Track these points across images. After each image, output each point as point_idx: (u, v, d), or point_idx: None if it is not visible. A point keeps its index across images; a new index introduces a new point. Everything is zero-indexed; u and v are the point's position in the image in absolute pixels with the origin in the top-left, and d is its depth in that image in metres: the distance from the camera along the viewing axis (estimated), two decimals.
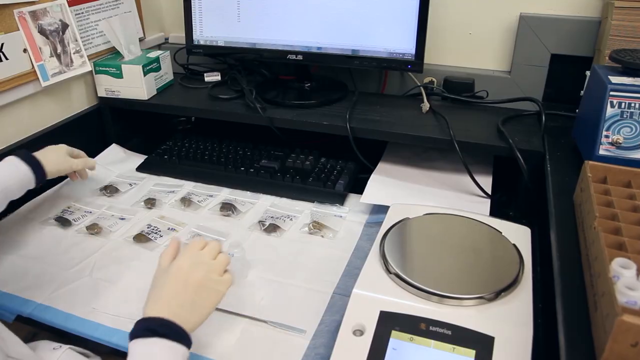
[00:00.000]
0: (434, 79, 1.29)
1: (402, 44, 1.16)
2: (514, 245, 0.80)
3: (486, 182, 1.08)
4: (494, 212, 1.01)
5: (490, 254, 0.80)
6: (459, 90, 1.25)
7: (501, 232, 0.83)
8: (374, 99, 1.29)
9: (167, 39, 1.61)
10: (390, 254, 0.79)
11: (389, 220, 0.89)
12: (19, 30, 1.11)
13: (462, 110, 1.21)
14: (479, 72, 1.27)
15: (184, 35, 1.37)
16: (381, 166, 1.18)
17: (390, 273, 0.76)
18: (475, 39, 1.27)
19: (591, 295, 0.59)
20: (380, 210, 1.06)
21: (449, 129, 1.07)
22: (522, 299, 0.70)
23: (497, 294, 0.70)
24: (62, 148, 1.09)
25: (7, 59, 1.09)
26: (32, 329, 0.85)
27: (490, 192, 1.05)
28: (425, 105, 1.20)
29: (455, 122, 1.10)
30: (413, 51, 1.16)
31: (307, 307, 0.85)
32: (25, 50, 1.13)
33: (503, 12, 1.22)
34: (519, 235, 0.83)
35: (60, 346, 0.78)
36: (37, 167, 0.99)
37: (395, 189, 1.10)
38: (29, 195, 1.16)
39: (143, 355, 0.62)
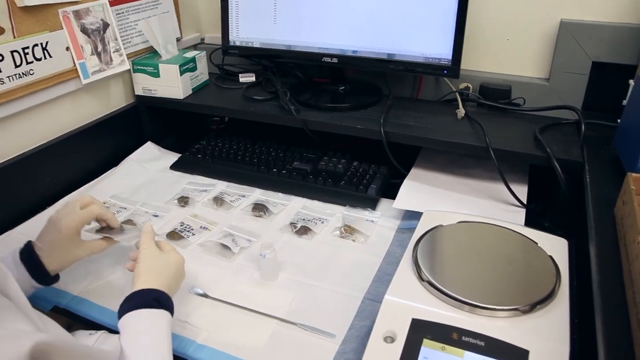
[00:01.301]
0: (469, 85, 1.28)
1: (439, 49, 1.15)
2: (550, 256, 0.78)
3: (521, 191, 1.06)
4: (528, 222, 0.99)
5: (525, 265, 0.79)
6: (495, 96, 1.23)
7: (537, 243, 0.81)
8: (409, 103, 1.28)
9: (203, 39, 1.63)
10: (423, 261, 0.78)
11: (422, 226, 0.88)
12: (62, 29, 1.14)
13: (498, 117, 1.19)
14: (516, 79, 1.25)
15: (219, 35, 1.38)
16: (414, 172, 1.17)
17: (423, 280, 0.75)
18: (513, 44, 1.25)
19: (634, 313, 0.58)
20: (412, 216, 1.05)
21: (484, 136, 1.06)
22: (559, 313, 0.69)
23: (533, 307, 0.69)
24: (71, 231, 0.84)
25: (50, 56, 1.12)
26: (68, 320, 0.86)
27: (525, 202, 1.04)
28: (461, 112, 1.18)
29: (491, 129, 1.09)
30: (450, 56, 1.15)
31: (337, 311, 0.85)
32: (67, 49, 1.16)
33: (543, 18, 1.20)
34: (555, 246, 0.81)
35: (96, 332, 0.80)
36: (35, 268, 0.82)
37: (428, 195, 1.09)
38: (68, 188, 1.19)
39: (154, 323, 0.71)
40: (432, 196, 1.09)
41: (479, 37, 1.26)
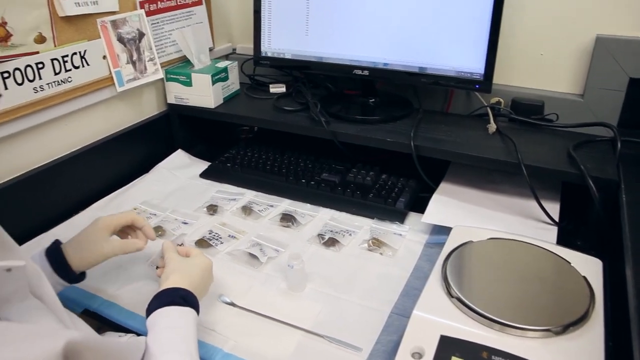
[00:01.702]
0: (501, 100, 1.26)
1: (471, 63, 1.15)
2: (584, 277, 0.77)
3: (553, 209, 1.04)
4: (560, 241, 0.97)
5: (557, 285, 0.77)
6: (527, 112, 1.22)
7: (570, 263, 0.80)
8: (439, 117, 1.27)
9: (234, 49, 1.65)
10: (453, 277, 0.77)
11: (451, 242, 0.87)
12: (100, 38, 1.17)
13: (531, 133, 1.17)
14: (549, 94, 1.24)
15: (251, 46, 1.40)
16: (443, 186, 1.16)
17: (452, 297, 0.74)
18: (546, 59, 1.24)
19: None
20: (440, 231, 1.04)
21: (516, 151, 1.05)
22: (593, 335, 0.67)
23: (565, 328, 0.68)
24: (102, 231, 0.87)
25: (88, 64, 1.14)
26: (97, 323, 0.88)
27: (557, 220, 1.02)
28: (492, 127, 1.17)
29: (523, 145, 1.08)
30: (482, 71, 1.14)
31: (363, 324, 0.84)
32: (104, 57, 1.19)
33: (578, 34, 1.18)
34: (589, 267, 0.79)
35: (125, 334, 0.81)
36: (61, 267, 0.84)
37: (457, 210, 1.08)
38: (100, 193, 1.21)
39: (180, 320, 0.72)
40: (461, 211, 1.08)
41: (512, 52, 1.25)
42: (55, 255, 0.82)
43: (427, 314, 0.73)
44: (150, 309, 0.73)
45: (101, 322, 0.88)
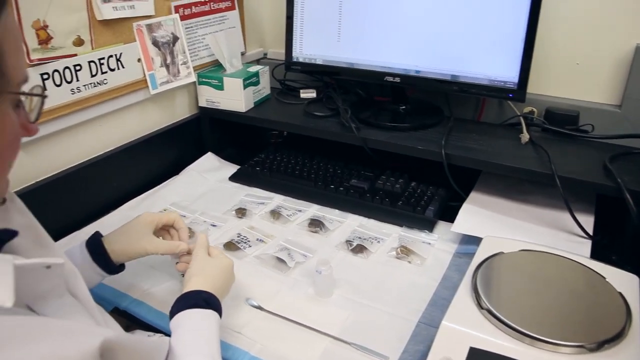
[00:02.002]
0: (534, 109, 1.25)
1: (505, 72, 1.13)
2: (620, 293, 0.75)
3: (587, 221, 1.02)
4: (594, 255, 0.95)
5: (591, 300, 0.76)
6: (561, 122, 1.20)
7: (605, 278, 0.78)
8: (470, 126, 1.26)
9: (266, 54, 1.66)
10: (483, 288, 0.76)
11: (481, 252, 0.86)
12: (135, 41, 1.19)
13: (565, 143, 1.15)
14: (584, 104, 1.21)
15: (282, 51, 1.41)
16: (474, 195, 1.15)
17: (482, 308, 0.73)
18: (582, 69, 1.21)
19: None
20: (470, 240, 1.03)
21: (550, 162, 1.03)
22: (630, 354, 0.65)
23: (600, 345, 0.66)
24: (146, 226, 0.89)
25: (123, 67, 1.17)
26: (126, 321, 0.89)
27: (591, 233, 1.00)
28: (525, 136, 1.16)
29: (557, 155, 1.06)
30: (516, 80, 1.12)
31: (390, 333, 0.84)
32: (139, 60, 1.21)
33: (617, 43, 1.16)
34: (625, 282, 0.77)
35: (154, 334, 0.82)
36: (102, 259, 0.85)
37: (487, 220, 1.07)
38: (131, 193, 1.23)
39: (203, 322, 0.73)
40: (492, 221, 1.07)
41: (547, 60, 1.23)
42: (96, 246, 0.84)
43: (457, 325, 0.72)
44: (173, 312, 0.74)
45: (130, 321, 0.90)
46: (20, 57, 0.51)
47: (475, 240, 0.98)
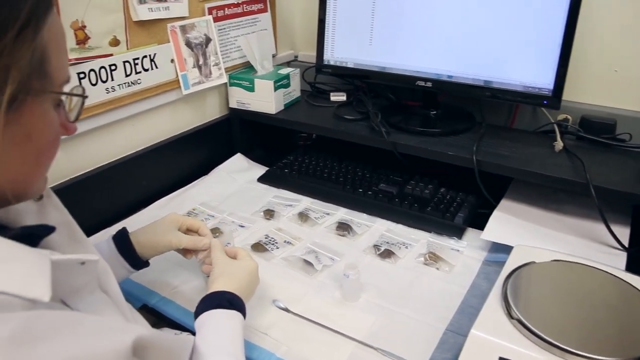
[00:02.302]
0: (569, 117, 1.22)
1: (540, 78, 1.11)
2: None
3: (623, 233, 0.99)
4: (630, 268, 0.93)
5: (627, 314, 0.74)
6: (597, 130, 1.17)
7: None
8: (503, 132, 1.24)
9: (296, 56, 1.67)
10: (513, 297, 0.75)
11: (512, 261, 0.85)
12: (169, 42, 1.20)
13: (600, 152, 1.13)
14: (622, 113, 1.18)
15: (313, 54, 1.41)
16: (504, 203, 1.13)
17: (512, 318, 0.72)
18: (621, 76, 1.18)
19: None
20: (500, 249, 1.02)
21: (584, 171, 1.01)
22: None
23: None
24: (172, 223, 0.92)
25: (157, 67, 1.18)
26: (154, 319, 0.90)
27: (627, 245, 0.97)
28: (559, 144, 1.13)
29: (592, 164, 1.03)
30: (551, 86, 1.10)
31: (417, 339, 0.83)
32: (172, 61, 1.22)
33: None
34: None
35: (181, 332, 0.83)
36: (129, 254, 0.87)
37: (518, 228, 1.05)
38: (161, 192, 1.24)
39: (227, 322, 0.74)
40: (523, 230, 1.05)
41: (583, 67, 1.20)
42: (122, 241, 0.86)
43: (486, 334, 0.71)
44: (197, 312, 0.75)
45: (157, 318, 0.91)
46: (64, 58, 0.52)
47: (505, 249, 0.97)
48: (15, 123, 0.46)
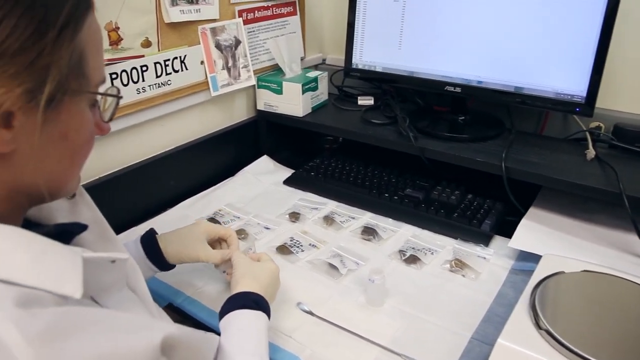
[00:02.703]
0: (601, 124, 1.20)
1: (572, 85, 1.09)
2: None
3: None
4: None
5: None
6: (631, 139, 1.14)
7: None
8: (533, 139, 1.22)
9: (324, 59, 1.67)
10: (542, 307, 0.73)
11: (541, 270, 0.83)
12: (199, 44, 1.22)
13: (634, 161, 1.10)
14: None
15: (341, 57, 1.41)
16: (533, 211, 1.11)
17: (541, 329, 0.71)
18: None
19: None
20: (527, 257, 1.00)
21: (617, 180, 0.99)
22: None
23: None
24: (203, 235, 0.91)
25: (187, 69, 1.20)
26: (178, 317, 0.91)
27: None
28: (591, 152, 1.11)
29: (626, 174, 1.01)
30: (584, 93, 1.08)
31: (442, 347, 0.82)
32: (202, 62, 1.24)
33: None
34: None
35: (205, 332, 0.83)
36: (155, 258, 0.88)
37: (547, 237, 1.03)
38: (187, 192, 1.26)
39: (252, 322, 0.74)
40: (552, 239, 1.03)
41: (617, 74, 1.17)
42: (150, 244, 0.87)
43: (513, 344, 0.70)
44: (223, 312, 0.76)
45: (182, 318, 0.91)
46: (100, 58, 0.53)
47: (533, 258, 0.95)
48: (52, 122, 0.47)
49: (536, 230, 1.06)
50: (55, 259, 0.48)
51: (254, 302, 0.76)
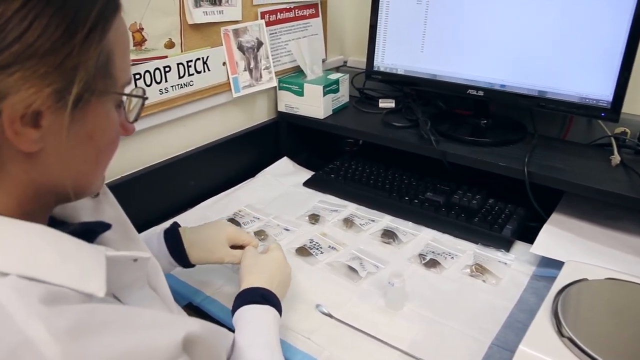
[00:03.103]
0: (627, 130, 1.17)
1: (598, 89, 1.07)
2: None
3: None
4: None
5: None
6: None
7: None
8: (556, 144, 1.21)
9: (346, 62, 1.67)
10: (565, 315, 0.72)
11: (563, 277, 0.82)
12: (222, 45, 1.23)
13: None
14: None
15: (362, 59, 1.41)
16: (555, 217, 1.10)
17: (563, 336, 0.69)
18: None
19: None
20: (549, 263, 0.99)
21: None
22: None
23: None
24: (228, 241, 0.92)
25: (209, 70, 1.20)
26: (198, 317, 0.91)
27: None
28: (616, 158, 1.09)
29: None
30: (610, 98, 1.06)
31: (461, 352, 0.81)
32: (224, 64, 1.24)
33: None
34: None
35: (222, 329, 0.84)
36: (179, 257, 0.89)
37: (570, 243, 1.02)
38: (208, 193, 1.26)
39: (262, 317, 0.76)
40: (575, 245, 1.02)
41: None
42: (173, 240, 0.88)
43: (535, 351, 0.69)
44: (234, 308, 0.77)
45: (201, 317, 0.92)
46: (127, 59, 0.53)
47: (555, 264, 0.94)
48: (79, 122, 0.48)
49: (559, 236, 1.04)
50: (81, 257, 0.49)
51: (262, 296, 0.78)
